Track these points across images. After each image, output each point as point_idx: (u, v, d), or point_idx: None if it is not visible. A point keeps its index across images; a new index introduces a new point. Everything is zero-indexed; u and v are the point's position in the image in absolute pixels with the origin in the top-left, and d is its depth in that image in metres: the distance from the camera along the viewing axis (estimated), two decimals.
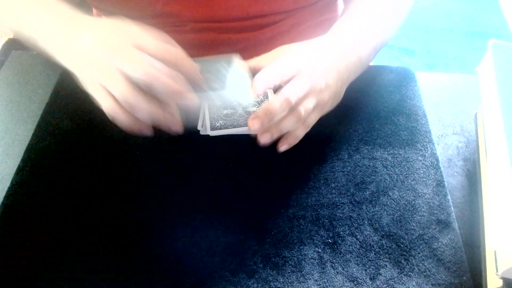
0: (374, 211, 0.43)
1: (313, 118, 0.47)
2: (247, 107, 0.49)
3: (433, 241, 0.41)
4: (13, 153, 0.48)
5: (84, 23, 0.42)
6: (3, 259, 0.39)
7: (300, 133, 0.47)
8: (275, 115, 0.43)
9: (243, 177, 0.46)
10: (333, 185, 0.45)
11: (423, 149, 0.49)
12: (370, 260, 0.40)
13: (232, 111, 0.49)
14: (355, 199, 0.44)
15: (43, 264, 0.39)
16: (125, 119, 0.40)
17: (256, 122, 0.43)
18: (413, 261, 0.40)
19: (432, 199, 0.44)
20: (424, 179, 0.46)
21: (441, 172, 0.47)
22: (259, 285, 0.38)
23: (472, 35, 1.95)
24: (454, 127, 0.53)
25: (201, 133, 0.49)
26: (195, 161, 0.47)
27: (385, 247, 0.41)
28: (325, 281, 0.38)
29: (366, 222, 0.42)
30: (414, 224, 0.42)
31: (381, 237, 0.41)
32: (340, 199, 0.44)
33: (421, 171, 0.47)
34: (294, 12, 0.61)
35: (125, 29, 0.40)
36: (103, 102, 0.40)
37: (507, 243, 0.34)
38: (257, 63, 0.49)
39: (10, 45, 0.67)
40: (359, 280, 0.39)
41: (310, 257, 0.40)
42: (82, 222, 0.41)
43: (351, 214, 0.43)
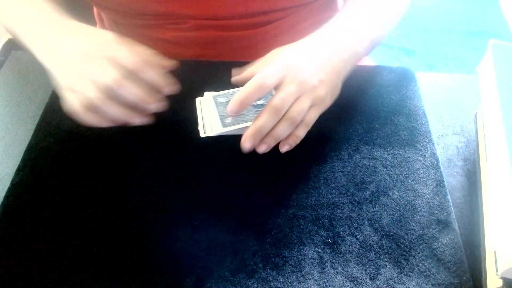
0: (374, 211, 0.43)
1: (313, 116, 0.46)
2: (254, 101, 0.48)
3: (433, 241, 0.41)
4: (13, 153, 0.48)
5: (70, 30, 0.46)
6: (3, 259, 0.39)
7: (301, 132, 0.46)
8: (266, 129, 0.44)
9: (243, 177, 0.46)
10: (333, 185, 0.45)
11: (423, 149, 0.49)
12: (370, 260, 0.40)
13: None
14: (355, 199, 0.44)
15: (43, 264, 0.39)
16: (87, 119, 0.44)
17: (247, 144, 0.44)
18: (413, 261, 0.40)
19: (432, 199, 0.44)
20: (424, 179, 0.46)
21: (441, 172, 0.47)
22: (259, 285, 0.38)
23: (472, 35, 1.95)
24: (454, 127, 0.53)
25: (200, 135, 0.48)
26: (195, 161, 0.47)
27: (385, 247, 0.41)
28: (325, 281, 0.38)
29: (366, 222, 0.42)
30: (414, 224, 0.42)
31: (381, 237, 0.41)
32: (340, 199, 0.44)
33: (421, 171, 0.47)
34: (294, 10, 0.61)
35: (103, 40, 0.44)
36: (70, 102, 0.43)
37: (507, 243, 0.34)
38: (254, 71, 0.48)
39: (10, 45, 0.67)
40: (359, 280, 0.39)
41: (310, 257, 0.40)
42: (82, 222, 0.41)
43: (351, 214, 0.43)
